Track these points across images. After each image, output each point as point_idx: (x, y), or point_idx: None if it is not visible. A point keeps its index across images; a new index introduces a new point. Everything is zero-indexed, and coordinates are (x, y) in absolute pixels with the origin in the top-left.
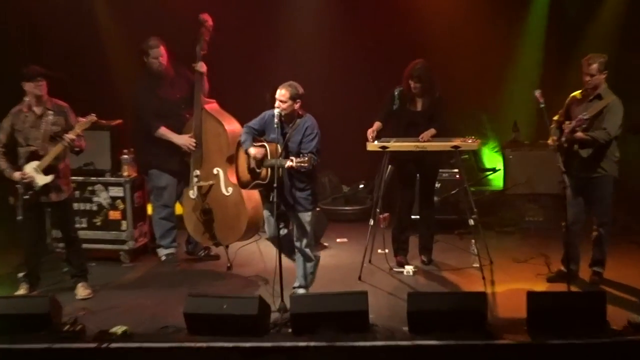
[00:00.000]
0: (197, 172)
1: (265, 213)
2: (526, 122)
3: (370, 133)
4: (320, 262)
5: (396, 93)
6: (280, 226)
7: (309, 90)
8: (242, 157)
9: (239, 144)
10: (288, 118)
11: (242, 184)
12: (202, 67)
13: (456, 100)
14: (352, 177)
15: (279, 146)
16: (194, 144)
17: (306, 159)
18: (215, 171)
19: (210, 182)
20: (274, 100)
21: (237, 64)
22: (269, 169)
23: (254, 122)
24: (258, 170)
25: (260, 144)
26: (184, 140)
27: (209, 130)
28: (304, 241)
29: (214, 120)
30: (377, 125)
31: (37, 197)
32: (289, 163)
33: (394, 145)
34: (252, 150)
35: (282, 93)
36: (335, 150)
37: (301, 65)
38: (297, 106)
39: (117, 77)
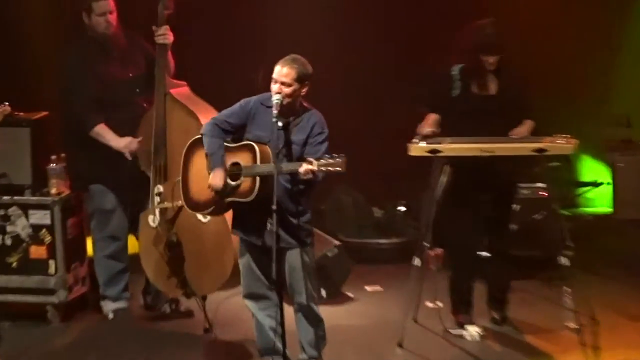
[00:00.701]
0: (160, 187)
1: (244, 259)
2: None
3: (426, 127)
4: (345, 322)
5: (455, 72)
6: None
7: (318, 75)
8: (196, 164)
9: (192, 145)
10: (288, 109)
11: (196, 205)
12: (166, 35)
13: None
14: (386, 195)
15: (269, 148)
16: (135, 147)
17: (340, 160)
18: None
19: (179, 202)
20: (267, 82)
21: (217, 32)
22: (257, 180)
23: (229, 113)
24: (233, 183)
25: (240, 144)
26: (125, 143)
27: (176, 125)
28: (309, 293)
29: (184, 110)
30: (433, 117)
31: None
32: (306, 167)
33: (449, 148)
34: (217, 178)
35: (284, 72)
36: (360, 157)
37: (308, 37)
38: (304, 92)
39: (40, 51)
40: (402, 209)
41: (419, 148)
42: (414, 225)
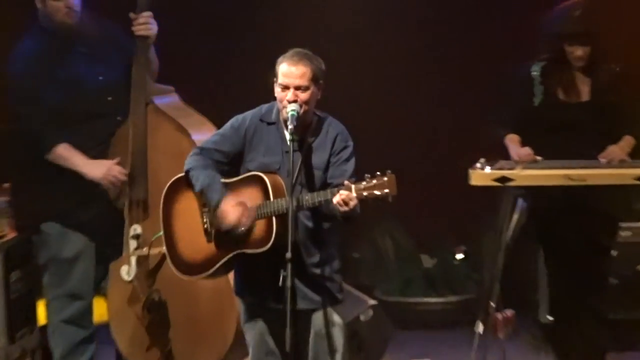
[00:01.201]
0: (137, 228)
1: (254, 329)
2: None
3: (526, 151)
4: None
5: (536, 72)
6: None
7: (341, 85)
8: (183, 212)
9: (172, 188)
10: (302, 123)
11: (190, 268)
12: (148, 24)
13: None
14: (439, 239)
15: (281, 178)
16: (125, 177)
17: (386, 179)
18: None
19: (160, 249)
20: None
21: (215, 24)
22: (274, 222)
23: (218, 139)
24: (242, 228)
25: (241, 177)
26: (103, 170)
27: (161, 144)
28: None
29: (171, 125)
30: (515, 139)
31: None
32: (342, 194)
33: (524, 175)
34: (229, 212)
35: (298, 72)
36: (404, 188)
37: (334, 35)
38: (318, 96)
39: None
40: (460, 256)
41: (483, 175)
42: (476, 279)
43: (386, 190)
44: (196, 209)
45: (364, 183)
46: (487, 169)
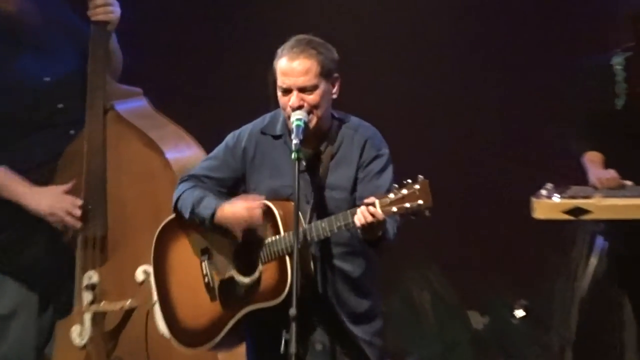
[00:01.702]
0: (93, 276)
1: None
2: None
3: (609, 175)
4: None
5: (619, 66)
6: None
7: (370, 87)
8: (180, 265)
9: (164, 235)
10: (316, 131)
11: (193, 337)
12: (108, 7)
13: None
14: (491, 290)
15: (294, 205)
16: (78, 208)
17: (418, 187)
18: (140, 275)
19: (127, 302)
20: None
21: (200, 6)
22: (288, 264)
23: (212, 164)
24: (247, 280)
25: (249, 204)
26: (49, 201)
27: (125, 163)
28: None
29: (138, 139)
30: (596, 158)
31: None
32: (363, 212)
33: (604, 206)
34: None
35: (300, 67)
36: (446, 221)
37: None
38: (335, 92)
39: None
40: (521, 314)
41: (550, 206)
42: (542, 344)
43: (419, 202)
44: (194, 258)
45: (391, 195)
46: (556, 198)
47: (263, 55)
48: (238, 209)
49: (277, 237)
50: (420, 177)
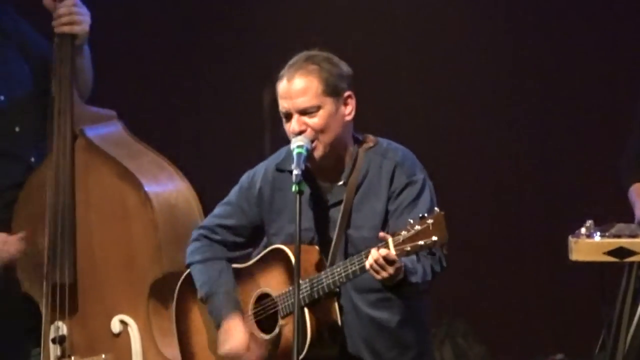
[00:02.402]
0: (62, 328)
1: None
2: None
3: None
4: None
5: None
6: None
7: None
8: (201, 324)
9: (184, 292)
10: (331, 160)
11: None
12: (73, 15)
13: None
14: (523, 343)
15: (317, 250)
16: (16, 252)
17: (431, 222)
18: (116, 325)
19: (99, 357)
20: (275, 108)
21: (184, 18)
22: (308, 317)
23: (225, 210)
24: (267, 337)
25: (261, 255)
26: (7, 247)
27: (96, 199)
28: None
29: (112, 170)
30: None
31: None
32: (374, 255)
33: None
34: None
35: (297, 87)
36: (468, 265)
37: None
38: (349, 113)
39: None
40: None
41: (590, 246)
42: None
43: (434, 238)
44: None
45: (403, 233)
46: (597, 237)
47: (256, 71)
48: (233, 344)
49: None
50: (436, 209)
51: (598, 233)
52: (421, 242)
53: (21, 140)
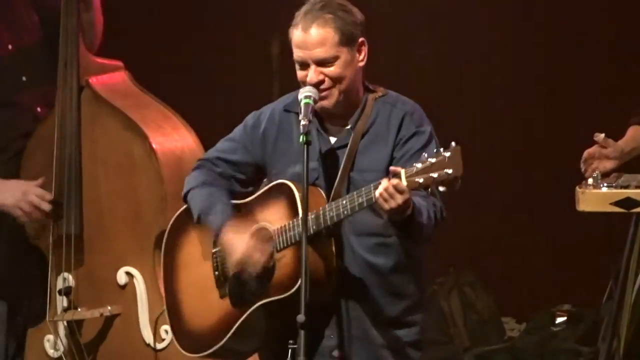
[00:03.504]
0: (69, 279)
1: None
2: None
3: (619, 146)
4: None
5: None
6: None
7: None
8: (190, 265)
9: (176, 230)
10: (344, 106)
11: (200, 342)
12: None
13: None
14: (529, 293)
15: (321, 190)
16: (48, 204)
17: (448, 155)
18: (122, 277)
19: (104, 309)
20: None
21: None
22: (304, 252)
23: (228, 145)
24: (255, 269)
25: (263, 190)
26: (15, 195)
27: (103, 151)
28: None
29: (118, 121)
30: (627, 139)
31: None
32: (385, 185)
33: None
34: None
35: (315, 36)
36: (478, 220)
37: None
38: (362, 60)
39: None
40: (562, 320)
41: (597, 197)
42: (588, 355)
43: (447, 170)
44: (206, 252)
45: (418, 165)
46: (604, 188)
47: (265, 19)
48: (238, 249)
49: (295, 221)
50: (453, 143)
51: (605, 184)
52: (434, 175)
53: (27, 89)
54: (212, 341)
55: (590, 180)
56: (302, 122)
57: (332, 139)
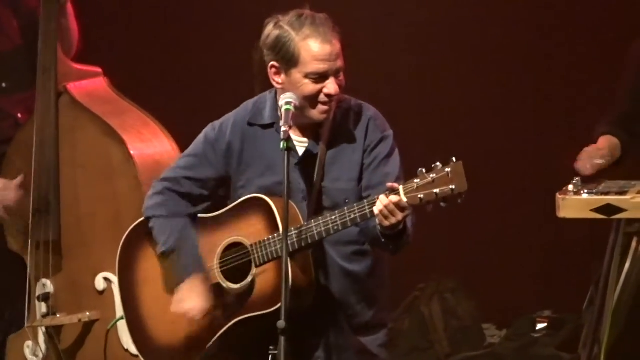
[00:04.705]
0: (47, 285)
1: None
2: None
3: (594, 153)
4: None
5: None
6: None
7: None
8: (151, 275)
9: (131, 241)
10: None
11: (173, 358)
12: None
13: None
14: (509, 299)
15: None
16: (14, 199)
17: (449, 171)
18: (101, 283)
19: (83, 315)
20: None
21: None
22: (288, 266)
23: (188, 162)
24: (237, 286)
25: (236, 203)
26: (7, 192)
27: (81, 157)
28: None
29: (97, 128)
30: (604, 142)
31: None
32: (384, 201)
33: None
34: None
35: (335, 49)
36: (460, 225)
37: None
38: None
39: None
40: (543, 327)
41: (578, 203)
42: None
43: (451, 186)
44: (163, 270)
45: (416, 181)
46: (585, 194)
47: (246, 24)
48: (192, 304)
49: (275, 235)
50: (453, 158)
51: (586, 190)
52: (436, 191)
53: (9, 96)
54: (188, 356)
55: (570, 187)
56: (283, 128)
57: (300, 150)
